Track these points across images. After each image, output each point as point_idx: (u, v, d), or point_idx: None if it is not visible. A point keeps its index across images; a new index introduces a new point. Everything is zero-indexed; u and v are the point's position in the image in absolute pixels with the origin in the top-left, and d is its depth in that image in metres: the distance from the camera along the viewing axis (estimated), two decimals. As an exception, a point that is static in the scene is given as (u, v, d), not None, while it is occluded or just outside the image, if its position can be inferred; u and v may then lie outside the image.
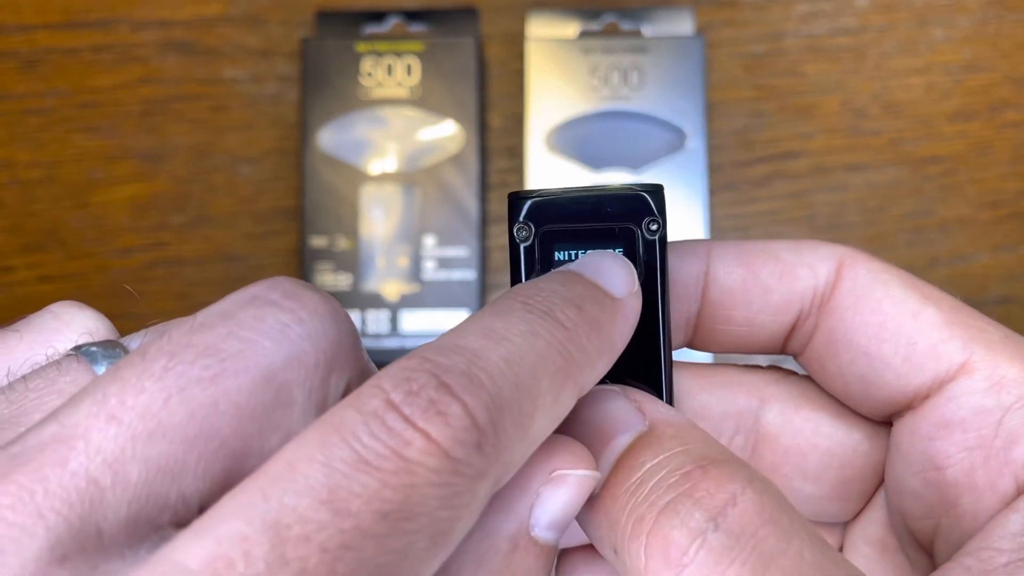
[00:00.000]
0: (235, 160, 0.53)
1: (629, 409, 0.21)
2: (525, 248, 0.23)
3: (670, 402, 0.24)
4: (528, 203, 0.23)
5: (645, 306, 0.22)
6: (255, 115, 0.53)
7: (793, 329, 0.25)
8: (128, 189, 0.53)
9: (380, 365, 0.53)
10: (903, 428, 0.24)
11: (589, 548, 0.24)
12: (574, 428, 0.21)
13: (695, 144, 0.51)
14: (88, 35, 0.54)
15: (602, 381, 0.22)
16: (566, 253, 0.24)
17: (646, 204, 0.23)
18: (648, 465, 0.20)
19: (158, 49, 0.54)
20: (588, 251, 0.23)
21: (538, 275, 0.22)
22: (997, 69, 0.53)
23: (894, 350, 0.23)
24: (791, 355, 0.25)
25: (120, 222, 0.53)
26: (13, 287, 0.53)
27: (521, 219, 0.23)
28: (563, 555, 0.25)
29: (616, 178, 0.51)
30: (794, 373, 0.26)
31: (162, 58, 0.54)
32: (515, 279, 0.24)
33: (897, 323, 0.23)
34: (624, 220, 0.23)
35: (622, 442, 0.20)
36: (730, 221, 0.52)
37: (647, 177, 0.51)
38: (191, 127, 0.53)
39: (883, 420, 0.25)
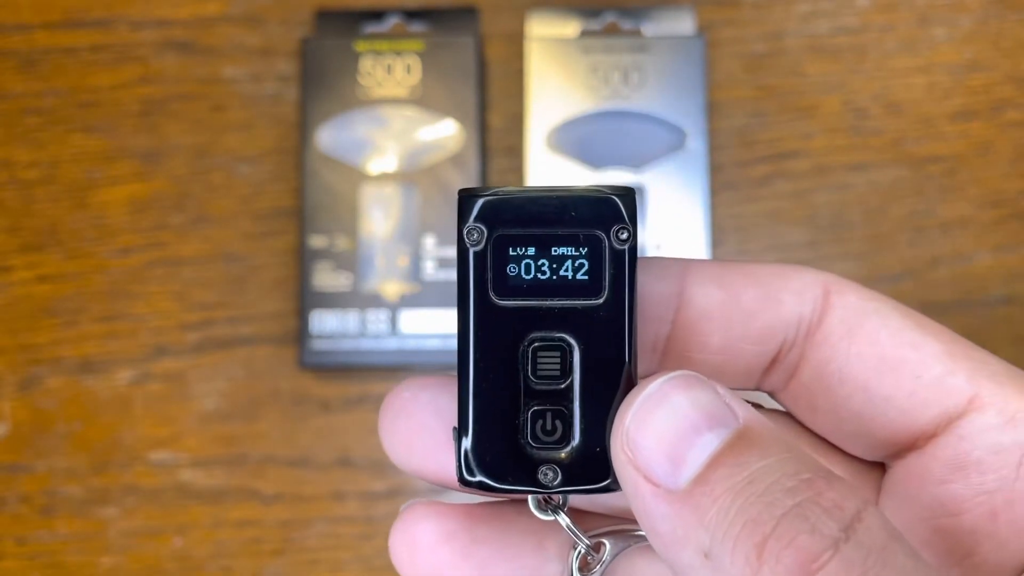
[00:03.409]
0: (234, 160, 0.53)
1: (721, 404, 0.19)
2: (476, 253, 0.21)
3: None
4: (480, 202, 0.21)
5: (609, 325, 0.21)
6: (254, 115, 0.53)
7: (774, 361, 0.23)
8: (127, 189, 0.53)
9: (378, 366, 0.53)
10: (906, 470, 0.22)
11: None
12: (655, 416, 0.19)
13: (696, 144, 0.51)
14: (87, 34, 0.54)
15: (555, 402, 0.21)
16: (523, 263, 0.21)
17: (616, 209, 0.21)
18: (756, 466, 0.18)
19: (157, 48, 0.54)
20: (546, 261, 0.21)
21: (490, 285, 0.21)
22: (998, 68, 0.53)
23: (897, 384, 0.21)
24: (767, 392, 0.24)
25: (119, 222, 0.53)
26: (12, 287, 0.53)
27: (472, 220, 0.21)
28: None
29: (616, 178, 0.51)
30: (768, 410, 0.24)
31: (161, 57, 0.54)
32: (463, 288, 0.21)
33: (898, 355, 0.21)
34: (590, 226, 0.21)
35: (717, 437, 0.19)
36: (731, 221, 0.52)
37: (648, 177, 0.51)
38: (190, 127, 0.53)
39: (876, 460, 0.23)
